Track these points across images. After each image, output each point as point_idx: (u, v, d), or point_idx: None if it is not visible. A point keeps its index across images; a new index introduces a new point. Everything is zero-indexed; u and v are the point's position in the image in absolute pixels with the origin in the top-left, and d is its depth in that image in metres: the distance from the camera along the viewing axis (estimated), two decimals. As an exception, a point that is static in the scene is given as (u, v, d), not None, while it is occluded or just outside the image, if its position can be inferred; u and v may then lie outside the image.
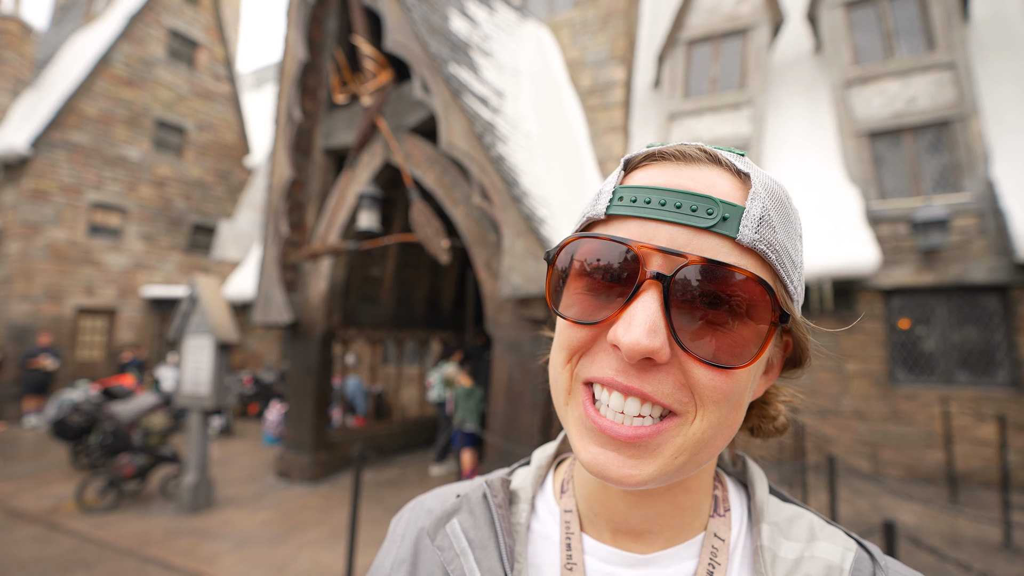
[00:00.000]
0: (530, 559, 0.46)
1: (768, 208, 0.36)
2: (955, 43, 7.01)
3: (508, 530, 0.46)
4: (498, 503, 0.48)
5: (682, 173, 0.38)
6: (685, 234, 0.36)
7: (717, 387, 0.35)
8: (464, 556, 0.45)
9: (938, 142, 7.07)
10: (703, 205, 0.36)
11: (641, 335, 0.33)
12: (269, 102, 18.10)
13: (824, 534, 0.42)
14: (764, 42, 8.26)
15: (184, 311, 5.37)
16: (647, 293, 0.35)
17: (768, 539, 0.41)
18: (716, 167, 0.38)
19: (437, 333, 8.52)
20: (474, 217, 5.05)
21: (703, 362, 0.35)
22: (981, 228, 6.47)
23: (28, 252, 10.77)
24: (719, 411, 0.36)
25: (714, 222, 0.35)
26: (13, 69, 11.72)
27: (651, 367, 0.35)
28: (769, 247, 0.36)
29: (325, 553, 4.12)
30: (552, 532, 0.47)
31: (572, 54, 9.01)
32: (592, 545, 0.44)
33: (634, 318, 0.34)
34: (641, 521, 0.43)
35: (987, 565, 3.89)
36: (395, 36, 5.29)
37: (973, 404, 6.31)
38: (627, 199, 0.38)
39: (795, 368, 0.46)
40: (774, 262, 0.37)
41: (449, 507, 0.50)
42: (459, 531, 0.47)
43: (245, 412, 10.53)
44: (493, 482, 0.50)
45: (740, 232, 0.35)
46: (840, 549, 0.41)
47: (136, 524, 4.63)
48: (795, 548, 0.41)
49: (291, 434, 6.28)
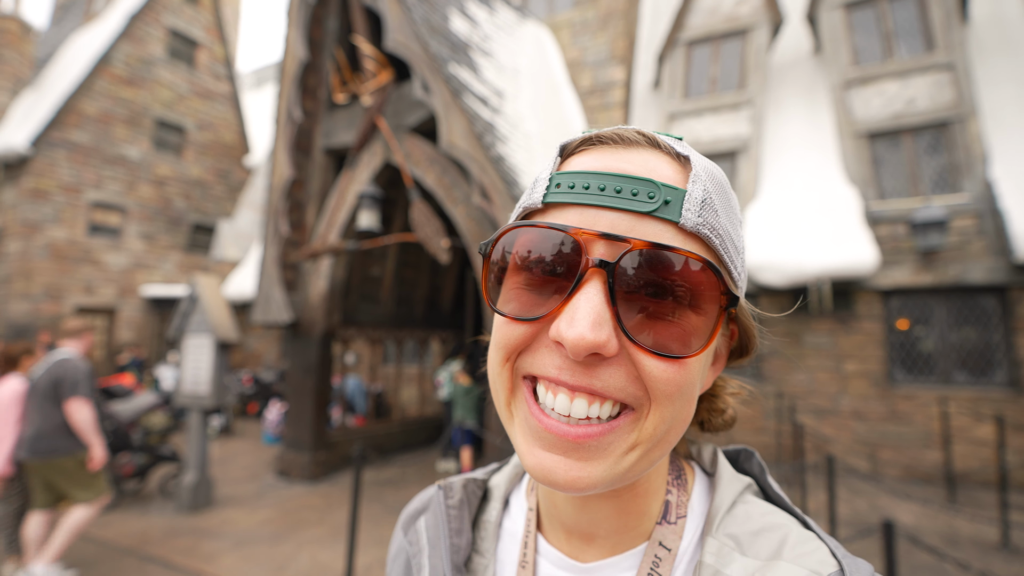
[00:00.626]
0: (499, 555, 0.47)
1: (710, 191, 0.35)
2: (954, 44, 7.03)
3: (458, 529, 0.47)
4: (450, 504, 0.49)
5: (621, 157, 0.36)
6: (627, 219, 0.34)
7: (671, 379, 0.33)
8: (423, 552, 0.47)
9: (937, 143, 7.08)
10: (644, 189, 0.34)
11: (585, 329, 0.31)
12: (269, 101, 18.10)
13: (793, 553, 0.36)
14: (764, 43, 8.27)
15: (184, 310, 5.38)
16: (590, 283, 0.33)
17: (714, 554, 0.37)
18: (656, 150, 0.37)
19: (437, 333, 8.53)
20: (474, 217, 5.06)
21: (654, 353, 0.32)
22: (980, 229, 6.49)
23: (28, 251, 10.77)
24: (673, 405, 0.34)
25: (656, 206, 0.33)
26: (13, 68, 11.72)
27: (599, 362, 0.33)
28: (712, 231, 0.34)
29: (325, 552, 4.12)
30: (518, 529, 0.47)
31: (572, 54, 9.02)
32: (545, 547, 0.44)
33: (577, 311, 0.32)
34: (588, 524, 0.41)
35: (985, 565, 3.90)
36: (395, 36, 5.29)
37: (971, 404, 6.33)
38: (564, 185, 0.36)
39: (742, 357, 0.44)
40: (718, 247, 0.35)
41: (419, 506, 0.52)
42: (422, 529, 0.49)
43: (245, 411, 10.53)
44: (449, 483, 0.51)
45: (683, 216, 0.33)
46: (804, 572, 0.34)
47: (136, 523, 4.63)
48: (747, 566, 0.36)
49: (291, 433, 6.28)
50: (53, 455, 3.27)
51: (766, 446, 7.21)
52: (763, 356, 7.42)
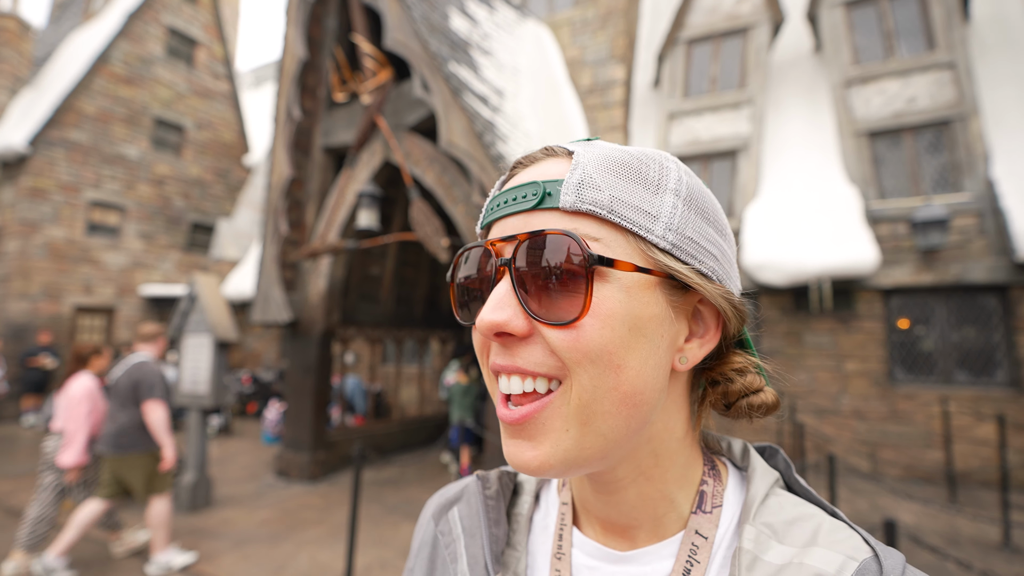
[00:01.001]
0: (529, 547, 0.49)
1: (590, 172, 0.39)
2: (955, 43, 7.01)
3: (496, 520, 0.49)
4: (488, 495, 0.51)
5: (525, 173, 0.42)
6: (521, 219, 0.40)
7: (572, 346, 0.36)
8: (458, 542, 0.49)
9: (938, 142, 7.07)
10: (529, 190, 0.39)
11: (487, 312, 0.37)
12: (268, 100, 18.07)
13: (828, 540, 0.38)
14: (764, 41, 8.25)
15: (183, 310, 5.36)
16: (502, 279, 0.39)
17: (752, 541, 0.39)
18: (552, 158, 0.42)
19: (436, 332, 8.51)
20: (474, 216, 5.04)
21: (548, 323, 0.37)
22: (981, 228, 6.48)
23: (26, 250, 10.74)
24: (588, 371, 0.36)
25: (538, 200, 0.39)
26: (11, 67, 11.69)
27: (518, 342, 0.38)
28: (595, 205, 0.38)
29: (324, 552, 4.11)
30: (550, 523, 0.49)
31: (572, 53, 9.00)
32: (580, 539, 0.46)
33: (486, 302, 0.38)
34: (619, 515, 0.43)
35: (986, 564, 3.89)
36: (395, 34, 5.27)
37: (972, 404, 6.32)
38: (489, 207, 0.43)
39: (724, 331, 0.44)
40: (607, 216, 0.38)
41: (452, 496, 0.55)
42: (456, 518, 0.51)
43: (244, 411, 10.51)
44: (487, 475, 0.53)
45: (561, 200, 0.38)
46: (840, 558, 0.36)
47: (135, 523, 4.61)
48: (785, 553, 0.38)
49: (290, 433, 6.27)
50: (130, 451, 3.60)
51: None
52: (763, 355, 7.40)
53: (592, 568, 0.44)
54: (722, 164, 8.30)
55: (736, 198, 7.95)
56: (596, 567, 0.44)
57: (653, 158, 0.42)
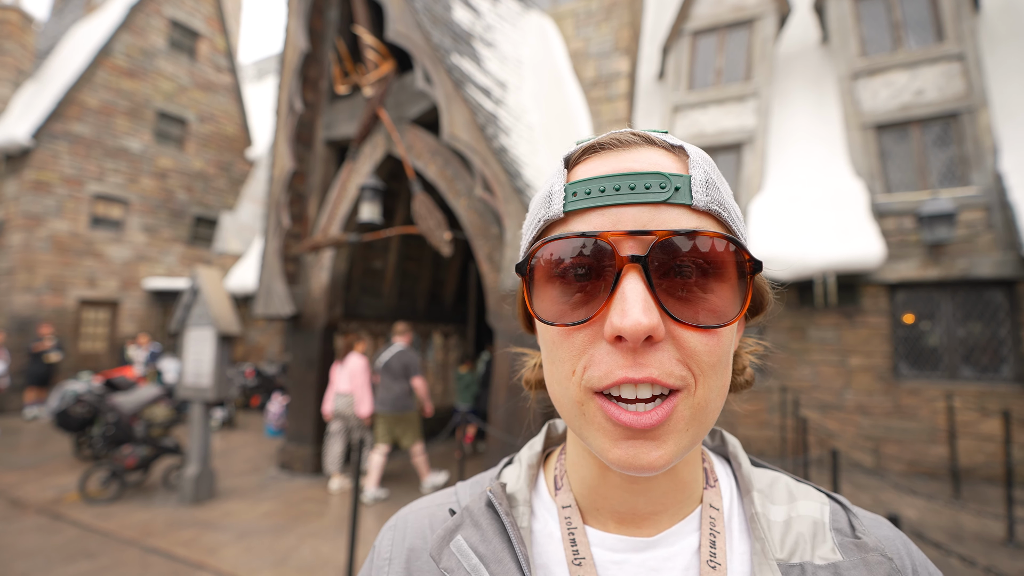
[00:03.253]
0: (536, 560, 0.44)
1: (709, 172, 0.39)
2: (964, 34, 6.92)
3: (519, 538, 0.43)
4: (506, 510, 0.45)
5: (625, 157, 0.39)
6: (647, 211, 0.37)
7: (712, 350, 0.36)
8: (477, 572, 0.41)
9: (946, 135, 6.99)
10: (655, 181, 0.37)
11: (640, 315, 0.34)
12: (270, 93, 18.01)
13: (801, 493, 0.46)
14: (770, 33, 8.16)
15: (186, 303, 5.36)
16: (629, 276, 0.36)
17: (760, 505, 0.44)
18: (653, 146, 0.40)
19: (439, 326, 8.50)
20: (476, 209, 5.01)
21: (697, 327, 0.36)
22: (988, 222, 6.41)
23: (30, 244, 10.77)
24: (716, 374, 0.37)
25: (669, 194, 0.37)
26: (14, 60, 11.68)
27: (650, 349, 0.36)
28: (720, 206, 0.39)
29: (326, 544, 4.12)
30: (553, 530, 0.45)
31: (576, 45, 8.92)
32: (598, 536, 0.44)
33: (626, 302, 0.35)
34: (647, 504, 0.43)
35: (990, 560, 3.88)
36: (397, 26, 5.23)
37: (978, 399, 6.28)
38: (581, 193, 0.39)
39: (756, 315, 0.48)
40: (727, 219, 0.39)
41: (451, 524, 0.46)
42: (466, 548, 0.43)
43: (247, 404, 10.55)
44: (496, 489, 0.47)
45: (694, 198, 0.37)
46: (817, 504, 0.44)
47: (139, 515, 4.65)
48: (782, 511, 0.44)
49: (293, 426, 6.28)
50: (404, 411, 5.20)
51: (770, 440, 7.19)
52: (767, 350, 7.38)
53: (619, 563, 0.42)
54: (727, 157, 8.24)
55: (741, 192, 7.89)
56: (623, 560, 0.42)
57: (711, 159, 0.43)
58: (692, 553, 0.42)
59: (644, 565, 0.42)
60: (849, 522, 0.43)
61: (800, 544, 0.41)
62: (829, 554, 0.40)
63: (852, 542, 0.40)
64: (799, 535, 0.41)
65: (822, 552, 0.40)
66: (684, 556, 0.42)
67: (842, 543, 0.40)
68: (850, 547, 0.40)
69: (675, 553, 0.42)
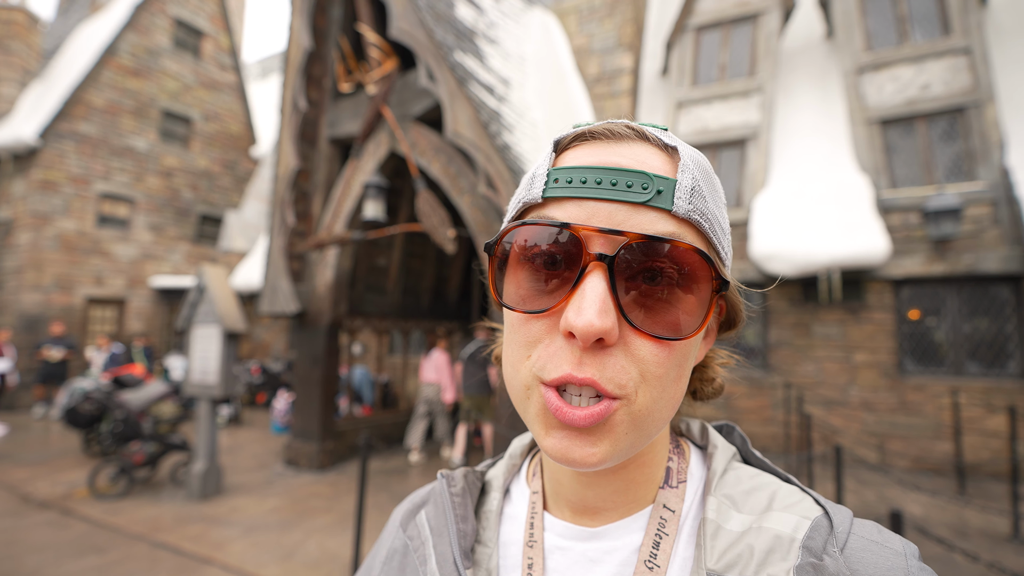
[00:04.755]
0: (502, 538, 0.48)
1: (698, 179, 0.38)
2: (971, 27, 6.86)
3: (463, 516, 0.48)
4: (454, 492, 0.50)
5: (614, 150, 0.38)
6: (623, 211, 0.36)
7: (661, 362, 0.36)
8: (427, 543, 0.48)
9: (952, 129, 6.94)
10: (638, 180, 0.36)
11: (593, 316, 0.33)
12: (274, 92, 18.04)
13: (783, 504, 0.41)
14: (775, 27, 8.12)
15: (192, 301, 5.41)
16: (593, 274, 0.35)
17: (714, 511, 0.41)
18: (645, 143, 0.39)
19: (443, 323, 8.53)
20: (480, 206, 5.02)
21: (652, 336, 0.35)
22: (995, 217, 6.37)
23: (38, 242, 10.87)
24: (660, 384, 0.36)
25: (650, 196, 0.36)
26: (21, 60, 11.75)
27: (599, 351, 0.35)
28: (702, 216, 0.37)
29: (332, 540, 4.16)
30: (520, 513, 0.49)
31: (579, 41, 8.90)
32: (552, 522, 0.46)
33: (584, 300, 0.34)
34: (596, 499, 0.44)
35: (995, 556, 3.87)
36: (400, 23, 5.24)
37: (983, 395, 6.26)
38: (562, 180, 0.38)
39: (729, 330, 0.47)
40: (707, 230, 0.38)
41: (419, 500, 0.54)
42: (424, 521, 0.50)
43: (253, 401, 10.63)
44: (451, 474, 0.53)
45: (675, 204, 0.36)
46: (795, 518, 0.40)
47: (147, 510, 4.70)
48: (743, 520, 0.40)
49: (299, 423, 6.33)
50: (485, 394, 6.07)
51: (774, 436, 7.19)
52: (771, 346, 7.37)
53: (563, 548, 0.44)
54: (731, 153, 8.21)
55: (745, 187, 7.86)
56: (567, 547, 0.44)
57: (710, 166, 0.41)
58: (632, 550, 0.42)
59: (584, 555, 0.43)
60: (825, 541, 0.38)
61: (744, 558, 0.38)
62: (780, 574, 0.36)
63: (812, 564, 0.36)
64: (747, 548, 0.38)
65: (774, 570, 0.37)
66: (624, 552, 0.42)
67: (802, 565, 0.37)
68: (807, 570, 0.36)
69: (616, 548, 0.42)
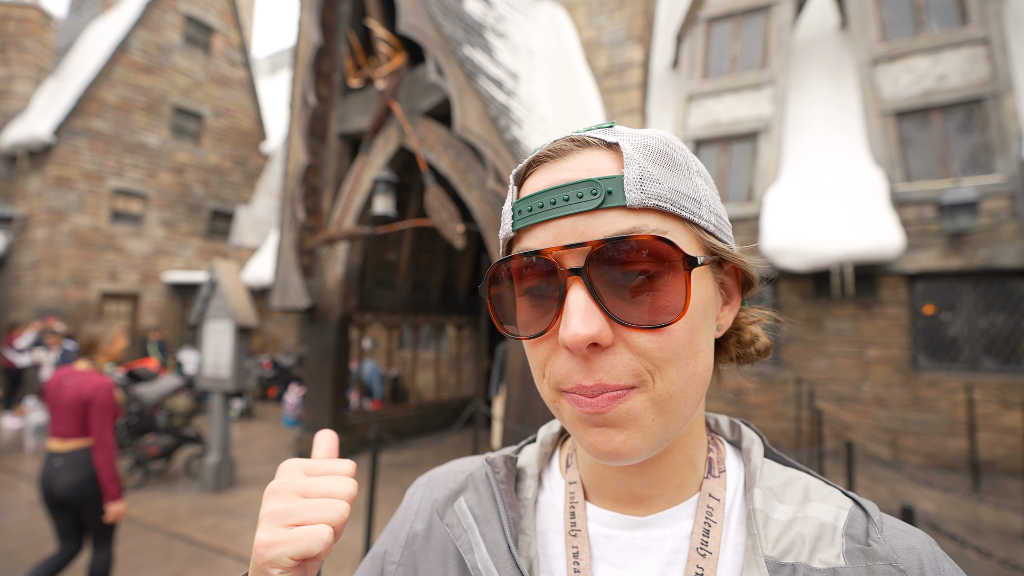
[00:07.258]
0: (538, 527, 0.49)
1: (644, 166, 0.38)
2: (989, 17, 6.71)
3: (511, 503, 0.49)
4: (499, 479, 0.50)
5: (561, 167, 0.40)
6: (584, 220, 0.38)
7: (663, 347, 0.37)
8: (471, 531, 0.47)
9: (969, 121, 6.81)
10: (586, 189, 0.38)
11: (578, 326, 0.35)
12: (284, 88, 18.11)
13: (819, 495, 0.44)
14: (787, 19, 8.00)
15: (204, 296, 5.47)
16: (572, 288, 0.37)
17: (761, 502, 0.43)
18: (588, 150, 0.40)
19: (452, 318, 8.56)
20: (489, 201, 5.02)
21: (642, 328, 0.36)
22: (1012, 210, 6.26)
23: (54, 238, 11.03)
24: (673, 367, 0.37)
25: (601, 199, 0.37)
26: (35, 57, 11.89)
27: (601, 354, 0.37)
28: (660, 199, 0.38)
29: (344, 532, 4.21)
30: (557, 502, 0.50)
31: (588, 34, 8.83)
32: (595, 512, 0.47)
33: (568, 314, 0.36)
34: (643, 487, 0.44)
35: (1008, 553, 3.83)
36: (408, 18, 5.23)
37: (999, 391, 6.17)
38: (525, 210, 0.40)
39: (749, 290, 0.48)
40: (671, 209, 0.38)
41: (456, 486, 0.53)
42: (465, 508, 0.50)
43: (265, 395, 10.74)
44: (495, 460, 0.53)
45: (627, 198, 0.37)
46: (834, 508, 0.42)
47: (162, 501, 4.78)
48: (788, 511, 0.43)
49: (309, 416, 6.39)
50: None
51: (785, 432, 7.15)
52: (782, 342, 7.31)
53: (609, 537, 0.45)
54: (742, 147, 8.13)
55: (756, 181, 7.79)
56: (613, 535, 0.45)
57: (671, 141, 0.42)
58: (683, 538, 0.43)
59: (633, 543, 0.44)
60: (866, 529, 0.41)
61: (797, 545, 0.40)
62: (832, 559, 0.39)
63: (860, 549, 0.39)
64: (799, 536, 0.40)
65: (825, 556, 0.39)
66: (675, 539, 0.43)
67: (850, 550, 0.39)
68: (857, 554, 0.39)
69: (666, 535, 0.43)
